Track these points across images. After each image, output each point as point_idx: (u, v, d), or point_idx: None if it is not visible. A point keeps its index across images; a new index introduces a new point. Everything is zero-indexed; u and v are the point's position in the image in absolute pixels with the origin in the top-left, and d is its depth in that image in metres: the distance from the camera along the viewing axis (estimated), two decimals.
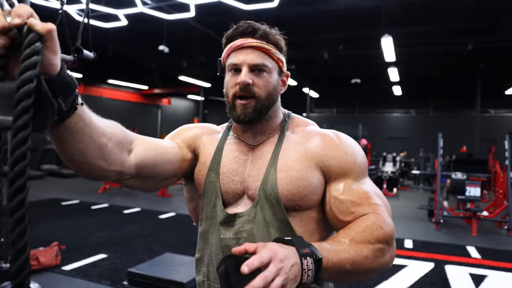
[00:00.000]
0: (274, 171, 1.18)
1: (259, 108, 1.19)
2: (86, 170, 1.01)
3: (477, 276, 5.06)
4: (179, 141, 1.31)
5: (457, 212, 8.06)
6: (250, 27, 1.20)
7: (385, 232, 1.07)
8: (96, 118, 0.97)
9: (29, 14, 0.68)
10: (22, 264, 0.62)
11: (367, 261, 1.02)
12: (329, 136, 1.24)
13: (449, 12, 10.59)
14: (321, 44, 13.63)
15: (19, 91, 0.64)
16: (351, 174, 1.18)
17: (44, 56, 0.71)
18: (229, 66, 1.22)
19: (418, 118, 22.48)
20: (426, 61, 16.16)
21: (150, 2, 9.17)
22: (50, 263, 4.79)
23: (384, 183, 13.03)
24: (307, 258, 0.91)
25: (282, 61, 1.27)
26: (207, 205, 1.27)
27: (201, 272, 1.31)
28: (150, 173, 1.17)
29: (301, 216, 1.18)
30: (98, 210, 8.70)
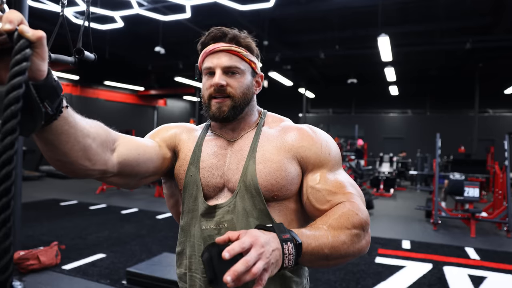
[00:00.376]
0: (253, 163, 1.23)
1: (233, 106, 1.25)
2: (71, 169, 1.04)
3: (476, 277, 5.05)
4: (159, 140, 1.35)
5: (455, 213, 8.06)
6: (220, 32, 1.27)
7: (360, 218, 1.11)
8: (80, 119, 1.00)
9: (20, 21, 0.69)
10: (6, 264, 0.63)
11: (344, 245, 1.06)
12: (304, 129, 1.30)
13: (446, 10, 10.62)
14: (317, 44, 13.67)
15: (8, 96, 0.65)
16: (327, 165, 1.25)
17: (33, 62, 0.72)
18: (204, 70, 1.28)
19: (415, 118, 22.51)
20: (423, 60, 16.21)
21: (146, 4, 9.17)
22: (50, 262, 4.81)
23: (381, 183, 13.04)
24: (288, 243, 0.94)
25: (254, 62, 1.32)
26: (188, 199, 1.31)
27: (182, 265, 1.34)
28: (132, 171, 1.21)
29: (279, 206, 1.24)
30: (96, 211, 8.69)
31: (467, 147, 18.45)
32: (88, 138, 1.00)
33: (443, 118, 21.12)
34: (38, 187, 12.37)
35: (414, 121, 22.42)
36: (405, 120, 22.89)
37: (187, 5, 8.22)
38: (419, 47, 13.41)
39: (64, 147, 0.95)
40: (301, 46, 14.51)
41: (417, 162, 15.57)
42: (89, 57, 1.24)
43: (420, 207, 8.81)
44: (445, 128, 18.47)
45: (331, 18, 11.65)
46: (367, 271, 5.06)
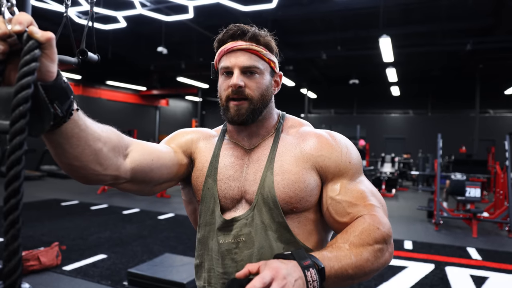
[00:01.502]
0: (271, 175, 1.19)
1: (252, 109, 1.20)
2: (81, 174, 1.02)
3: (478, 277, 5.05)
4: (175, 146, 1.32)
5: (457, 213, 8.05)
6: (240, 30, 1.22)
7: (382, 232, 1.08)
8: (91, 123, 0.98)
9: (30, 22, 0.70)
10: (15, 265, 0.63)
11: (368, 263, 1.04)
12: (324, 136, 1.25)
13: (447, 11, 10.61)
14: (319, 44, 13.66)
15: (17, 96, 0.65)
16: (347, 173, 1.20)
17: (42, 63, 0.73)
18: (221, 70, 1.24)
19: (417, 119, 22.48)
20: (424, 61, 16.20)
21: (148, 4, 9.18)
22: (51, 263, 4.80)
23: (382, 184, 13.03)
24: (310, 269, 0.92)
25: (273, 61, 1.28)
26: (206, 212, 1.28)
27: (201, 278, 1.31)
28: (145, 178, 1.18)
29: (298, 217, 1.20)
30: (98, 211, 8.69)
31: (468, 147, 18.42)
32: (99, 142, 0.99)
33: (444, 119, 21.10)
34: (39, 186, 12.38)
35: (416, 121, 22.40)
36: (407, 120, 22.86)
37: (189, 5, 8.22)
38: (421, 48, 13.39)
39: (74, 150, 0.93)
40: (303, 47, 14.50)
41: (419, 163, 15.56)
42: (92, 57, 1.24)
43: (421, 208, 8.80)
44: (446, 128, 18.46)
45: (333, 19, 11.65)
46: None
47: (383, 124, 23.03)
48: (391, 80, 16.51)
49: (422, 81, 20.07)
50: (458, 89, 20.14)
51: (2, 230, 0.64)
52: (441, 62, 16.25)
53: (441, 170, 8.63)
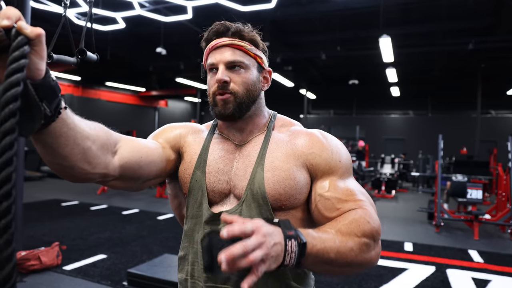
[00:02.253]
0: (261, 171, 1.19)
1: (238, 103, 1.20)
2: (70, 173, 1.01)
3: (480, 280, 5.01)
4: (163, 141, 1.31)
5: (458, 215, 8.03)
6: (223, 26, 1.22)
7: (371, 227, 1.07)
8: (79, 121, 0.96)
9: (18, 17, 0.67)
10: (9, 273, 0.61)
11: (352, 253, 1.01)
12: (315, 135, 1.25)
13: (448, 11, 10.60)
14: (318, 44, 13.65)
15: (6, 94, 0.63)
16: (337, 172, 1.20)
17: (31, 60, 0.70)
18: (208, 67, 1.25)
19: (417, 119, 22.46)
20: (425, 61, 16.19)
21: (147, 5, 9.17)
22: (51, 263, 4.81)
23: (382, 185, 13.02)
24: (292, 240, 0.90)
25: (260, 57, 1.27)
26: (193, 204, 1.27)
27: (184, 270, 1.31)
28: (134, 175, 1.18)
29: (286, 215, 1.19)
30: (97, 211, 8.68)
31: (469, 148, 18.39)
32: (87, 140, 0.97)
33: (445, 119, 21.06)
34: (39, 187, 12.39)
35: (416, 122, 22.38)
36: (407, 121, 22.85)
37: (188, 6, 8.22)
38: (421, 48, 13.38)
39: (63, 150, 0.92)
40: (302, 47, 14.50)
41: (419, 164, 15.55)
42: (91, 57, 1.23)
43: (422, 209, 8.78)
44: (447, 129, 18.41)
45: (332, 19, 11.65)
46: (369, 274, 5.04)
47: (382, 125, 23.02)
48: (391, 80, 16.50)
49: (422, 82, 20.04)
50: (459, 89, 20.10)
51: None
52: (441, 62, 16.23)
53: (441, 172, 8.60)
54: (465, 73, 17.89)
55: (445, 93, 20.79)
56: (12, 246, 0.61)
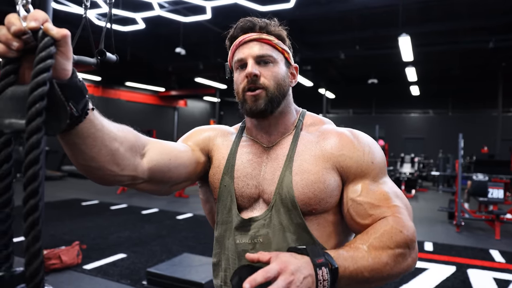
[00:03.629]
0: (289, 174, 1.16)
1: (270, 98, 1.17)
2: (98, 175, 1.00)
3: (501, 281, 4.94)
4: (192, 144, 1.30)
5: (479, 215, 7.91)
6: (249, 22, 1.21)
7: (405, 236, 1.03)
8: (107, 122, 0.96)
9: (45, 19, 0.68)
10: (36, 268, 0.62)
11: (387, 267, 0.99)
12: (345, 135, 1.20)
13: (468, 9, 10.45)
14: (337, 44, 13.59)
15: (33, 93, 0.64)
16: (369, 174, 1.15)
17: (57, 60, 0.71)
18: (235, 64, 1.22)
19: (437, 118, 22.17)
20: (445, 60, 15.98)
21: (167, 5, 9.23)
22: (72, 262, 4.87)
23: (402, 184, 12.90)
24: (322, 268, 0.89)
25: (287, 52, 1.24)
26: (222, 210, 1.25)
27: (219, 277, 1.28)
28: (163, 178, 1.16)
29: (318, 219, 1.16)
30: (117, 211, 8.78)
31: (490, 147, 18.11)
32: (115, 141, 0.97)
33: (465, 118, 20.75)
34: (60, 186, 12.57)
35: (436, 121, 22.10)
36: (427, 120, 22.58)
37: (207, 6, 8.25)
38: (441, 47, 13.23)
39: (90, 151, 0.91)
40: (321, 46, 14.44)
41: (439, 163, 15.36)
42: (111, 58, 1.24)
43: (442, 209, 8.67)
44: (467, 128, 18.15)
45: (351, 18, 11.58)
46: None
47: (402, 124, 22.78)
48: (411, 79, 16.34)
49: (442, 80, 19.80)
50: (480, 88, 19.80)
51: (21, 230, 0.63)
52: (461, 60, 16.01)
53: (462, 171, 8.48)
54: (486, 71, 17.62)
55: (466, 92, 20.49)
56: (39, 243, 0.63)
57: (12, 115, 0.67)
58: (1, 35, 0.68)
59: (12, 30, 0.67)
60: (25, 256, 0.62)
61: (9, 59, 0.70)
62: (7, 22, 0.68)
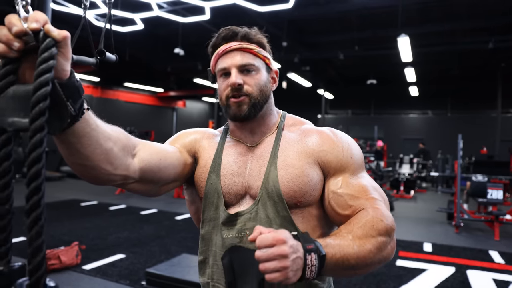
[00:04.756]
0: (274, 169, 1.21)
1: (253, 103, 1.22)
2: (92, 174, 1.03)
3: (501, 282, 4.94)
4: (179, 146, 1.34)
5: (478, 216, 7.91)
6: (231, 31, 1.25)
7: (385, 224, 1.09)
8: (101, 122, 0.99)
9: (45, 21, 0.70)
10: (39, 262, 0.64)
11: (371, 254, 1.04)
12: (325, 132, 1.28)
13: (468, 9, 10.46)
14: (336, 44, 13.59)
15: (36, 93, 0.66)
16: (349, 168, 1.22)
17: (57, 61, 0.73)
18: (219, 72, 1.27)
19: (436, 119, 22.19)
20: (444, 61, 16.00)
21: (165, 6, 9.23)
22: (71, 262, 4.87)
23: (401, 185, 12.89)
24: (312, 253, 0.93)
25: (268, 58, 1.30)
26: (209, 207, 1.29)
27: (205, 274, 1.32)
28: (153, 178, 1.19)
29: (302, 212, 1.21)
30: (116, 211, 8.78)
31: (490, 148, 18.12)
32: (109, 141, 1.00)
33: (464, 119, 20.77)
34: (59, 187, 12.56)
35: (435, 122, 22.12)
36: (426, 121, 22.60)
37: (206, 6, 8.25)
38: (440, 47, 13.24)
39: (85, 150, 0.94)
40: (320, 47, 14.45)
41: (438, 164, 15.36)
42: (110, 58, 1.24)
43: (441, 209, 8.68)
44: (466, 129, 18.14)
45: (350, 19, 11.58)
46: (388, 274, 5.00)
47: (401, 125, 22.80)
48: (410, 80, 16.37)
49: (441, 81, 19.82)
50: (479, 88, 19.83)
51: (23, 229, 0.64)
52: (460, 61, 16.03)
53: (461, 172, 8.49)
54: (485, 72, 17.65)
55: (465, 92, 20.52)
56: (42, 237, 0.65)
57: (14, 114, 0.69)
58: (2, 35, 0.70)
59: (14, 31, 0.69)
60: (28, 250, 0.64)
61: (9, 59, 0.72)
62: (7, 23, 0.69)
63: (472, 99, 20.67)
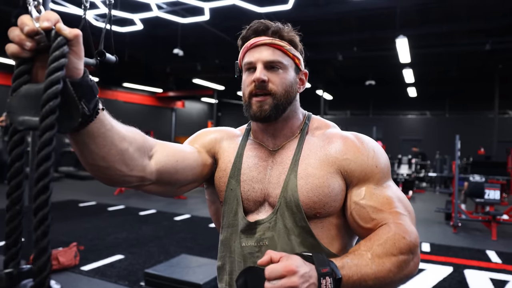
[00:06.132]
0: (294, 178, 1.16)
1: (275, 104, 1.17)
2: (107, 175, 1.00)
3: (498, 281, 4.96)
4: (199, 146, 1.31)
5: (476, 216, 7.93)
6: (262, 25, 1.19)
7: (408, 242, 1.04)
8: (116, 123, 0.98)
9: (57, 20, 0.70)
10: (44, 262, 0.64)
11: (390, 274, 1.00)
12: (350, 139, 1.21)
13: (466, 11, 10.47)
14: (335, 45, 13.59)
15: (47, 91, 0.66)
16: (373, 178, 1.16)
17: (69, 60, 0.73)
18: (245, 66, 1.21)
19: (434, 120, 22.24)
20: (442, 62, 16.01)
21: (165, 6, 9.23)
22: (69, 263, 4.87)
23: (399, 185, 12.91)
24: (326, 277, 0.90)
25: (298, 58, 1.24)
26: (228, 213, 1.26)
27: (223, 280, 1.29)
28: (171, 179, 1.16)
29: (322, 222, 1.17)
30: (115, 212, 8.77)
31: (487, 149, 18.15)
32: (124, 141, 0.98)
33: (462, 120, 20.83)
34: (57, 187, 12.51)
35: (433, 122, 22.16)
36: (424, 121, 22.65)
37: (205, 7, 8.25)
38: (438, 49, 13.25)
39: (100, 150, 0.92)
40: (319, 48, 14.44)
41: (436, 164, 15.38)
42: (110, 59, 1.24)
43: (439, 210, 8.70)
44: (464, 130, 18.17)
45: (349, 20, 11.59)
46: None
47: (399, 126, 22.84)
48: (408, 81, 16.37)
49: (439, 82, 19.84)
50: (476, 90, 19.87)
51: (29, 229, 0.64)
52: (459, 62, 16.05)
53: (459, 172, 8.51)
54: (483, 73, 17.67)
55: (463, 93, 20.57)
56: (47, 238, 0.64)
57: (25, 112, 0.69)
58: (15, 35, 0.70)
59: (25, 31, 0.69)
60: (34, 251, 0.64)
61: (22, 60, 0.72)
62: (20, 23, 0.70)
63: (470, 100, 20.73)
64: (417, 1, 9.89)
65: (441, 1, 9.77)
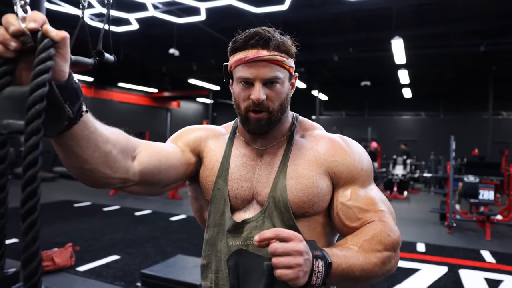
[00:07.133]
0: (283, 178, 1.19)
1: (272, 120, 1.18)
2: (91, 177, 1.00)
3: (492, 281, 5.00)
4: (182, 145, 1.30)
5: (470, 216, 7.97)
6: (262, 39, 1.13)
7: (392, 240, 1.10)
8: (100, 125, 0.96)
9: (44, 21, 0.68)
10: (34, 268, 0.63)
11: (375, 268, 1.05)
12: (337, 141, 1.25)
13: (460, 13, 10.50)
14: (330, 46, 13.61)
15: (32, 94, 0.63)
16: (359, 180, 1.20)
17: (55, 62, 0.71)
18: (239, 78, 1.17)
19: (429, 121, 22.32)
20: (437, 63, 16.07)
21: (161, 6, 9.22)
22: (64, 264, 4.85)
23: (394, 186, 12.94)
24: (319, 260, 0.93)
25: (292, 67, 1.24)
26: (215, 212, 1.27)
27: (208, 278, 1.31)
28: (153, 180, 1.16)
29: (309, 221, 1.20)
30: (110, 212, 8.74)
31: (481, 149, 18.22)
32: (108, 144, 0.97)
33: (457, 121, 20.90)
34: (52, 188, 12.49)
35: (428, 123, 22.23)
36: (419, 122, 22.71)
37: (201, 7, 8.25)
38: (433, 50, 13.29)
39: (84, 153, 0.91)
40: (314, 48, 14.45)
41: (431, 165, 15.43)
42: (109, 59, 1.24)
43: (434, 210, 8.73)
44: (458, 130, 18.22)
45: (344, 21, 11.60)
46: None
47: (394, 126, 22.90)
48: (403, 82, 16.41)
49: (434, 83, 19.91)
50: (471, 91, 19.95)
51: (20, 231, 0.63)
52: (454, 64, 16.11)
53: (453, 173, 8.54)
54: (477, 75, 17.76)
55: (457, 94, 20.67)
56: (37, 243, 0.63)
57: (9, 115, 0.66)
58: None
59: (11, 31, 0.67)
60: (24, 256, 0.62)
61: (5, 60, 0.70)
62: (5, 22, 0.68)
63: (464, 101, 20.83)
64: (413, 2, 9.92)
65: (436, 3, 9.80)
